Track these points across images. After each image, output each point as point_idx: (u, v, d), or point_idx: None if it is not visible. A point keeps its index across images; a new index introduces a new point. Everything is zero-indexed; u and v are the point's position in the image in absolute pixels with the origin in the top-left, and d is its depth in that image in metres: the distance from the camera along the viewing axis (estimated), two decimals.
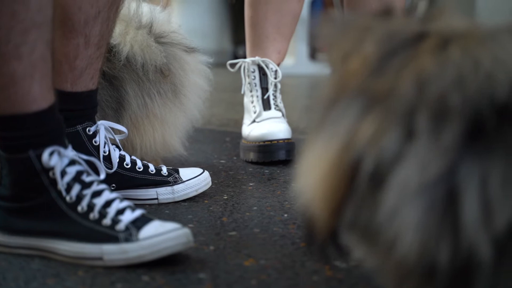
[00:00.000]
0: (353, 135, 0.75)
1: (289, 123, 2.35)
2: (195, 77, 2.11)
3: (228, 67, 2.41)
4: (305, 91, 4.97)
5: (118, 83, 1.88)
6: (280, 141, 2.20)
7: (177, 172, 1.75)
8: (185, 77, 2.04)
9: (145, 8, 1.99)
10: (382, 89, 0.75)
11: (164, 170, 1.74)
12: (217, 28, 5.85)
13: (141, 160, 1.75)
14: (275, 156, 2.18)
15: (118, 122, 1.85)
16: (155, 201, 1.72)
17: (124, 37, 1.89)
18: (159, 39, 1.98)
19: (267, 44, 2.37)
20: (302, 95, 4.75)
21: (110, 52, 1.85)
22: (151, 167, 1.72)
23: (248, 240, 1.44)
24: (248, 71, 2.35)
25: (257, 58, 2.35)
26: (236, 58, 2.48)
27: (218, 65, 2.46)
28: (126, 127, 1.78)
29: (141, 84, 1.93)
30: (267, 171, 2.12)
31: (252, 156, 2.20)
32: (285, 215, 1.63)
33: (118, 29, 1.90)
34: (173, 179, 1.73)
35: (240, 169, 2.13)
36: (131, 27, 1.93)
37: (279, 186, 1.94)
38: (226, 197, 1.80)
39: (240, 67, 2.38)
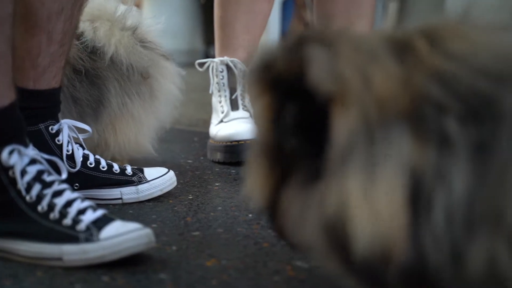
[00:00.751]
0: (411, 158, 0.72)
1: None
2: (170, 83, 2.12)
3: (197, 66, 2.40)
4: None
5: (101, 81, 1.90)
6: (248, 142, 2.19)
7: (142, 171, 1.74)
8: (161, 82, 2.06)
9: (121, 7, 2.00)
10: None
11: (129, 169, 1.72)
12: (188, 28, 5.83)
13: (112, 159, 1.74)
14: (242, 157, 2.17)
15: (97, 119, 1.87)
16: (119, 201, 1.70)
17: (109, 38, 1.90)
18: (142, 43, 2.00)
19: (236, 44, 2.36)
20: None
21: (96, 52, 1.86)
22: (115, 167, 1.71)
23: (211, 240, 1.43)
24: (216, 70, 2.35)
25: (225, 58, 2.35)
26: (207, 57, 2.47)
27: (189, 65, 2.45)
28: (104, 125, 1.79)
29: (123, 84, 1.94)
30: (233, 171, 2.11)
31: (219, 156, 2.19)
32: (250, 215, 1.63)
33: (103, 29, 1.90)
34: (137, 178, 1.71)
35: (206, 169, 2.13)
36: (116, 28, 1.93)
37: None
38: (191, 197, 1.79)
39: (208, 66, 2.37)
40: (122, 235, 1.25)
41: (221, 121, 2.28)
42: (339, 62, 0.75)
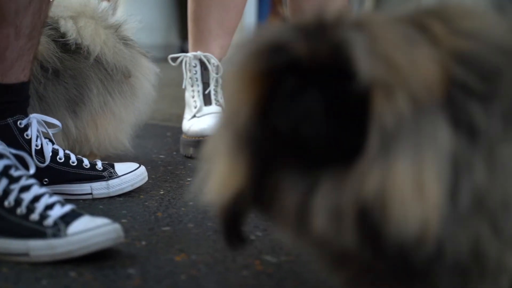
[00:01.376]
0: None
1: None
2: (149, 81, 2.11)
3: (170, 61, 2.39)
4: None
5: (82, 81, 1.89)
6: None
7: (113, 166, 1.73)
8: (142, 80, 2.06)
9: (103, 4, 2.00)
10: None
11: (99, 164, 1.71)
12: (164, 23, 5.81)
13: (90, 153, 1.73)
14: None
15: (75, 116, 1.87)
16: (90, 196, 1.69)
17: (94, 38, 1.89)
18: (124, 41, 2.00)
19: (210, 39, 2.36)
20: None
21: (79, 52, 1.87)
22: (86, 162, 1.70)
23: (181, 235, 1.43)
24: (189, 65, 2.34)
25: (199, 53, 2.34)
26: (183, 52, 2.46)
27: (165, 59, 2.44)
28: (85, 122, 1.79)
29: (106, 84, 1.94)
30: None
31: (191, 151, 2.19)
32: None
33: (88, 29, 1.89)
34: (108, 174, 1.70)
35: (179, 164, 2.12)
36: (100, 27, 1.93)
37: None
38: (162, 192, 1.78)
39: (182, 61, 2.36)
40: (90, 230, 1.24)
41: (194, 116, 2.28)
42: (384, 46, 0.73)
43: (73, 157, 1.68)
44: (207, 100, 2.31)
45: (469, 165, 0.73)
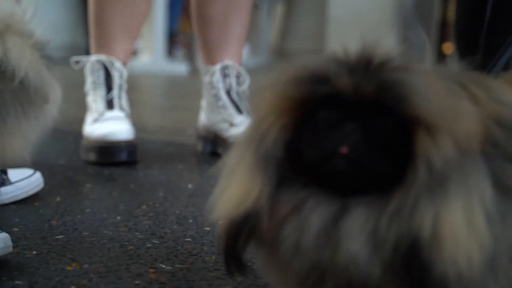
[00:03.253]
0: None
1: (138, 122, 2.33)
2: (58, 92, 2.06)
3: (72, 64, 2.36)
4: (161, 89, 4.95)
5: (2, 105, 1.82)
6: (122, 142, 2.17)
7: (5, 173, 1.69)
8: (53, 105, 2.00)
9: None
10: None
11: None
12: (71, 23, 5.74)
13: None
14: (115, 157, 2.16)
15: None
16: None
17: (21, 60, 1.83)
18: (40, 52, 1.95)
19: (114, 44, 2.34)
20: (157, 93, 4.72)
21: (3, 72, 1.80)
22: None
23: (75, 244, 1.41)
24: (92, 69, 2.32)
25: (102, 57, 2.32)
26: (89, 52, 2.43)
27: (70, 60, 2.41)
28: None
29: (26, 107, 1.87)
30: (106, 172, 2.09)
31: (92, 156, 2.16)
32: (118, 217, 1.61)
33: (15, 50, 1.83)
34: (0, 180, 1.67)
35: (79, 169, 2.09)
36: (27, 47, 1.86)
37: (117, 187, 1.92)
38: (59, 199, 1.75)
39: (84, 65, 2.34)
40: None
41: (96, 120, 2.25)
42: (434, 92, 0.77)
43: None
44: (110, 105, 2.29)
45: (504, 218, 0.78)
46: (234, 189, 0.85)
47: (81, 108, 2.33)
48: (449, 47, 6.09)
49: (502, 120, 0.83)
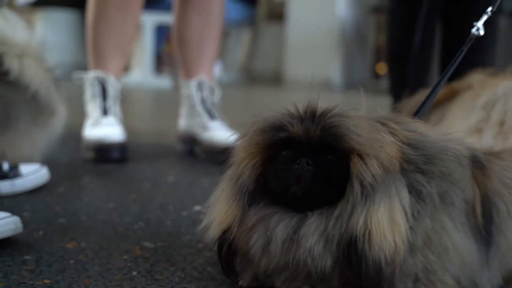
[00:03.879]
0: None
1: (130, 127, 2.32)
2: (64, 108, 2.03)
3: (74, 79, 2.34)
4: (149, 100, 4.93)
5: (14, 110, 1.79)
6: (115, 144, 2.16)
7: (18, 167, 1.66)
8: (59, 109, 1.97)
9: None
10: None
11: (6, 166, 1.65)
12: (75, 43, 5.69)
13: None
14: (109, 156, 2.14)
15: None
16: None
17: (35, 78, 1.81)
18: (51, 73, 1.93)
19: (109, 62, 2.32)
20: (145, 104, 4.71)
21: (18, 88, 1.78)
22: None
23: (74, 226, 1.40)
24: (91, 83, 2.30)
25: (99, 74, 2.30)
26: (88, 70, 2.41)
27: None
28: (5, 141, 1.75)
29: (36, 117, 1.84)
30: (102, 168, 2.07)
31: (90, 155, 2.14)
32: (111, 204, 1.60)
33: (31, 69, 1.80)
34: (13, 174, 1.64)
35: (78, 166, 2.07)
36: (41, 69, 1.84)
37: (110, 180, 1.91)
38: (62, 190, 1.74)
39: (84, 80, 2.32)
40: None
41: (93, 125, 2.23)
42: (363, 129, 0.90)
43: None
44: (105, 112, 2.27)
45: (420, 216, 0.90)
46: (217, 214, 0.98)
47: (81, 115, 2.31)
48: (382, 68, 6.14)
49: (412, 143, 0.94)
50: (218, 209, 0.98)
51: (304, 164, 0.90)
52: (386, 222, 0.87)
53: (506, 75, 1.71)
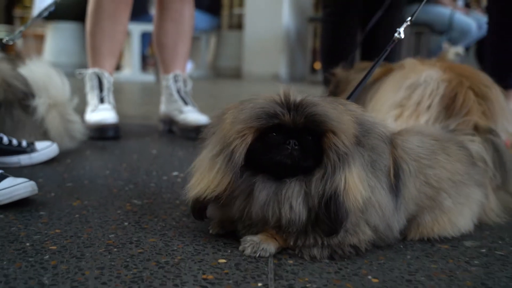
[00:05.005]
0: None
1: (122, 112, 2.29)
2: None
3: (77, 75, 2.30)
4: (137, 92, 4.85)
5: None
6: (110, 125, 2.14)
7: (33, 144, 1.64)
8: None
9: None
10: None
11: (24, 143, 1.62)
12: (80, 48, 5.57)
13: None
14: (106, 134, 2.12)
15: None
16: (18, 165, 1.60)
17: (52, 123, 1.78)
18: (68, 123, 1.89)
19: (103, 61, 2.28)
20: (134, 94, 4.64)
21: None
22: (14, 141, 1.60)
23: (79, 189, 1.39)
24: (90, 78, 2.27)
25: (96, 70, 2.26)
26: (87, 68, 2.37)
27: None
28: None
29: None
30: (100, 144, 2.05)
31: (92, 133, 2.11)
32: (107, 171, 1.59)
33: (55, 120, 1.76)
34: (30, 149, 1.62)
35: (82, 143, 2.04)
36: (62, 121, 1.81)
37: (107, 153, 1.89)
38: (69, 161, 1.72)
39: (85, 75, 2.29)
40: (13, 186, 1.19)
41: (93, 110, 2.21)
42: (333, 114, 0.91)
43: (5, 138, 1.59)
44: (101, 101, 2.24)
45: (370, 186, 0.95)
46: (210, 181, 0.93)
47: (83, 103, 2.27)
48: (318, 65, 6.17)
49: (356, 121, 0.96)
50: (211, 177, 0.93)
51: (292, 144, 0.91)
52: (357, 181, 0.91)
53: (431, 63, 1.70)
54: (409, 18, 1.30)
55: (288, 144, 0.91)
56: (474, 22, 4.88)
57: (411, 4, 3.73)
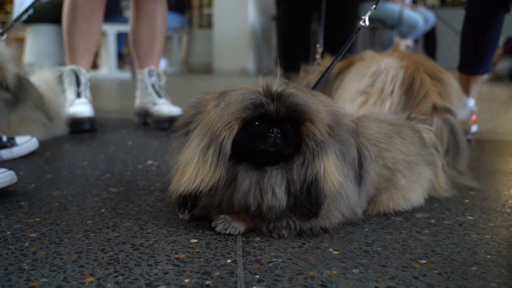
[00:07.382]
0: None
1: (100, 106, 2.24)
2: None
3: (56, 72, 2.24)
4: (113, 88, 4.77)
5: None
6: (86, 118, 2.09)
7: (14, 139, 1.59)
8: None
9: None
10: None
11: (4, 138, 1.57)
12: (59, 49, 5.42)
13: None
14: (82, 127, 2.08)
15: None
16: (0, 159, 1.55)
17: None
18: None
19: (80, 58, 2.23)
20: (111, 90, 4.56)
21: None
22: None
23: (58, 179, 1.35)
24: (68, 75, 2.21)
25: (73, 67, 2.21)
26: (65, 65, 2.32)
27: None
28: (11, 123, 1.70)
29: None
30: (78, 136, 2.00)
31: (69, 127, 2.07)
32: (85, 162, 1.55)
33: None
34: (11, 144, 1.57)
35: (60, 136, 1.99)
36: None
37: (84, 145, 1.85)
38: (48, 154, 1.67)
39: (63, 72, 2.23)
40: None
41: (70, 104, 2.15)
42: (312, 104, 0.88)
43: None
44: (78, 95, 2.19)
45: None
46: (205, 175, 0.87)
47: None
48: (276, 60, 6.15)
49: (330, 111, 0.93)
50: (206, 172, 0.87)
51: (276, 133, 0.88)
52: (333, 167, 0.89)
53: (387, 54, 1.71)
54: (373, 7, 1.29)
55: (272, 133, 0.88)
56: (421, 17, 4.95)
57: (362, 2, 3.74)
